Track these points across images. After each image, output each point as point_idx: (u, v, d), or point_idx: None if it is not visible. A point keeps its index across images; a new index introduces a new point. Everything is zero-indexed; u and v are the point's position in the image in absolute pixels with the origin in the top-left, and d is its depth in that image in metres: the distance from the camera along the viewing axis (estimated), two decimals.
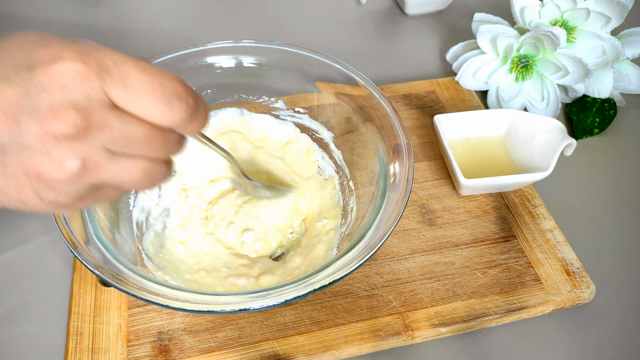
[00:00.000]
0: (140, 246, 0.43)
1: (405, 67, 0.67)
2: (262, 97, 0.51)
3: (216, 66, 0.49)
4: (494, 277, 0.45)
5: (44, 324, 0.42)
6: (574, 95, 0.61)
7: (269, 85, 0.50)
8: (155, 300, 0.33)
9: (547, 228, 0.49)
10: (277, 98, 0.51)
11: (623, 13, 0.55)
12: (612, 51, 0.56)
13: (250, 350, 0.40)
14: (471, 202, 0.51)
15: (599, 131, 0.59)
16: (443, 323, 0.42)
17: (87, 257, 0.35)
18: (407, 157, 0.41)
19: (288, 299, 0.33)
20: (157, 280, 0.36)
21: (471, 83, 0.62)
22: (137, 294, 0.33)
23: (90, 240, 0.37)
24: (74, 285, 0.43)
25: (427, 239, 0.48)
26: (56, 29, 0.70)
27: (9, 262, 0.46)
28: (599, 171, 0.56)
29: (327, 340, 0.41)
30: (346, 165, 0.49)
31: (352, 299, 0.43)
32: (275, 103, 0.51)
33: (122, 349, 0.40)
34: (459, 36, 0.72)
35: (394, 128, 0.43)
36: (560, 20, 0.58)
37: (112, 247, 0.38)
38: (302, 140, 0.51)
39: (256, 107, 0.51)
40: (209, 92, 0.50)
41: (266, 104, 0.51)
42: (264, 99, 0.51)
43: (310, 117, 0.51)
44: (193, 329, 0.41)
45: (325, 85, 0.48)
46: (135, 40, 0.69)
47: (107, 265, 0.35)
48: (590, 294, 0.44)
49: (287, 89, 0.50)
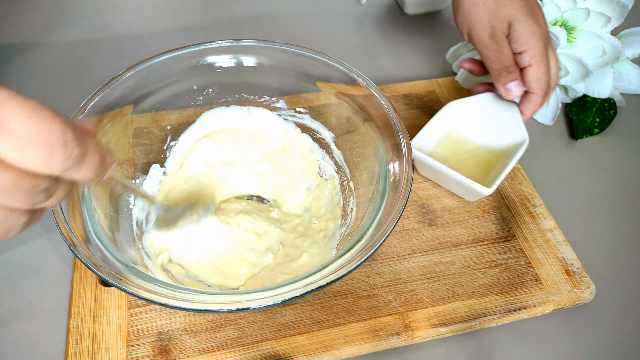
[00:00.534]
0: (140, 244, 0.43)
1: (405, 67, 0.67)
2: (264, 96, 0.51)
3: (216, 65, 0.49)
4: (494, 277, 0.45)
5: (44, 324, 0.42)
6: (574, 95, 0.61)
7: (270, 85, 0.50)
8: (153, 299, 0.33)
9: (547, 228, 0.49)
10: (279, 98, 0.51)
11: (623, 13, 0.55)
12: (612, 51, 0.56)
13: (250, 350, 0.40)
14: (471, 202, 0.51)
15: (599, 131, 0.59)
16: (443, 323, 0.42)
17: (87, 256, 0.35)
18: (407, 157, 0.41)
19: (286, 299, 0.33)
20: (156, 279, 0.36)
21: (471, 83, 0.62)
22: (136, 293, 0.33)
23: (90, 239, 0.37)
24: (74, 285, 0.43)
25: (427, 239, 0.48)
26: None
27: (9, 262, 0.46)
28: (599, 171, 0.56)
29: (327, 340, 0.41)
30: (346, 166, 0.49)
31: (352, 299, 0.43)
32: (277, 103, 0.51)
33: (122, 349, 0.40)
34: (459, 36, 0.72)
35: (394, 128, 0.43)
36: (560, 20, 0.58)
37: (111, 246, 0.38)
38: (302, 140, 0.51)
39: (257, 107, 0.51)
40: (210, 92, 0.50)
41: (267, 103, 0.51)
42: (265, 99, 0.51)
43: (312, 117, 0.51)
44: (193, 329, 0.41)
45: (326, 85, 0.48)
46: (135, 40, 0.69)
47: (107, 264, 0.35)
48: (590, 294, 0.44)
49: (288, 89, 0.50)
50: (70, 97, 0.60)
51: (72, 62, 0.66)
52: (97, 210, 0.39)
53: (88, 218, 0.38)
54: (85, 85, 0.62)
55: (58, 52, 0.67)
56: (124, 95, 0.45)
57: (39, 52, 0.67)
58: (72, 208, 0.38)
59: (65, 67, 0.65)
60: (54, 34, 0.69)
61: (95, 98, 0.43)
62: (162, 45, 0.67)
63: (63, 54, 0.67)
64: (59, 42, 0.68)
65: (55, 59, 0.66)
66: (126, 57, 0.65)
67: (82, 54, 0.67)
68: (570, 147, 0.59)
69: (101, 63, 0.65)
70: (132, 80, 0.45)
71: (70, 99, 0.60)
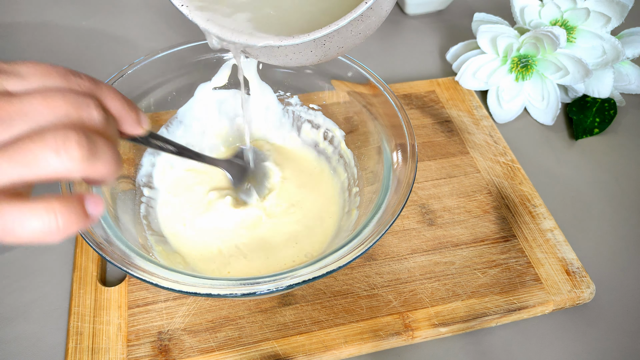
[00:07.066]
0: (145, 227, 0.44)
1: (405, 67, 0.67)
2: (278, 91, 0.51)
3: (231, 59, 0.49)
4: (494, 277, 0.45)
5: (44, 324, 0.42)
6: (574, 95, 0.61)
7: (284, 80, 0.51)
8: (140, 276, 0.33)
9: (547, 228, 0.49)
10: (292, 94, 0.51)
11: (623, 13, 0.55)
12: (612, 51, 0.56)
13: (250, 350, 0.40)
14: (471, 202, 0.51)
15: (599, 131, 0.59)
16: (443, 323, 0.42)
17: (88, 232, 0.35)
18: (410, 158, 0.41)
19: (280, 288, 0.33)
20: (160, 263, 0.36)
21: (471, 83, 0.62)
22: (140, 276, 0.33)
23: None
24: (74, 285, 0.43)
25: (427, 238, 0.48)
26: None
27: (9, 262, 0.46)
28: (599, 171, 0.56)
29: (327, 340, 0.41)
30: (354, 164, 0.49)
31: (352, 299, 0.43)
32: (290, 98, 0.51)
33: (122, 349, 0.40)
34: (459, 36, 0.72)
35: (401, 128, 0.43)
36: (560, 20, 0.58)
37: (114, 225, 0.38)
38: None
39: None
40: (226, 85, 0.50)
41: (281, 98, 0.51)
42: (279, 93, 0.51)
43: (324, 114, 0.51)
44: (193, 329, 0.41)
45: (340, 83, 0.48)
46: (144, 35, 0.69)
47: (111, 245, 0.35)
48: (590, 294, 0.44)
49: (302, 86, 0.51)
50: None
51: (73, 61, 0.66)
52: (104, 193, 0.40)
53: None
54: None
55: (58, 52, 0.67)
56: (125, 93, 0.45)
57: (39, 52, 0.67)
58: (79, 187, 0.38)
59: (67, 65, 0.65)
60: (54, 33, 0.69)
61: None
62: (175, 40, 0.67)
63: (63, 54, 0.67)
64: (60, 42, 0.68)
65: (55, 59, 0.66)
66: (129, 53, 0.66)
67: (82, 53, 0.67)
68: (570, 147, 0.59)
69: (101, 62, 0.65)
70: (135, 77, 0.46)
71: None
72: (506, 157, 0.55)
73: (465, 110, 0.60)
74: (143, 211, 0.45)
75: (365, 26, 0.35)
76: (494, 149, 0.55)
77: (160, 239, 0.44)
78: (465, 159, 0.54)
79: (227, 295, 0.33)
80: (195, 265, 0.44)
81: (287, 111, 0.52)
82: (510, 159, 0.55)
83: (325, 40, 0.34)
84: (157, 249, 0.42)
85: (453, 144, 0.56)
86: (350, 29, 0.34)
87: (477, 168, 0.54)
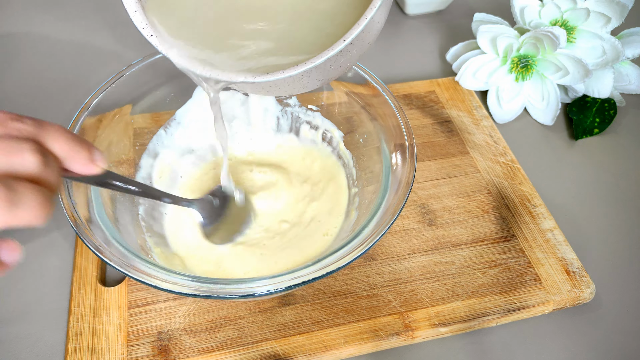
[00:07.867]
0: (144, 229, 0.44)
1: (405, 67, 0.67)
2: None
3: None
4: (494, 277, 0.45)
5: (44, 324, 0.42)
6: (574, 95, 0.61)
7: None
8: (139, 278, 0.33)
9: (547, 228, 0.49)
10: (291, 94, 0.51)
11: (623, 13, 0.55)
12: (612, 51, 0.56)
13: (250, 350, 0.40)
14: (471, 202, 0.51)
15: (599, 131, 0.59)
16: (443, 323, 0.42)
17: (87, 234, 0.35)
18: (409, 158, 0.41)
19: (279, 289, 0.33)
20: (159, 265, 0.36)
21: (471, 83, 0.62)
22: (139, 278, 0.33)
23: (92, 220, 0.37)
24: (74, 285, 0.43)
25: (427, 238, 0.48)
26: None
27: None
28: (599, 171, 0.56)
29: (327, 340, 0.41)
30: (352, 164, 0.49)
31: (352, 299, 0.43)
32: (289, 99, 0.51)
33: (122, 349, 0.40)
34: (459, 36, 0.72)
35: (400, 128, 0.43)
36: (560, 20, 0.58)
37: (113, 227, 0.38)
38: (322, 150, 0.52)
39: None
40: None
41: (279, 98, 0.51)
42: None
43: (322, 115, 0.51)
44: (193, 329, 0.41)
45: (338, 83, 0.48)
46: (142, 40, 0.69)
47: (109, 247, 0.35)
48: (590, 294, 0.44)
49: None
50: (71, 98, 0.60)
51: (72, 61, 0.66)
52: (102, 193, 0.40)
53: (93, 198, 0.38)
54: (88, 84, 0.62)
55: (57, 52, 0.67)
56: (124, 94, 0.45)
57: (38, 52, 0.67)
58: (77, 188, 0.38)
59: (66, 67, 0.65)
60: (53, 33, 0.70)
61: (97, 97, 0.43)
62: None
63: (62, 54, 0.67)
64: (59, 42, 0.68)
65: (55, 59, 0.66)
66: (127, 56, 0.66)
67: (81, 53, 0.67)
68: (570, 147, 0.59)
69: (101, 62, 0.65)
70: (133, 78, 0.46)
71: (70, 100, 0.60)
72: (506, 157, 0.55)
73: (465, 110, 0.60)
74: (142, 213, 0.45)
75: (346, 59, 0.34)
76: (494, 149, 0.55)
77: (159, 241, 0.44)
78: (465, 159, 0.54)
79: (227, 296, 0.33)
80: (193, 266, 0.44)
81: (286, 112, 0.52)
82: (510, 159, 0.55)
83: (303, 76, 0.33)
84: (156, 251, 0.42)
85: (453, 144, 0.56)
86: (329, 64, 0.33)
87: (477, 168, 0.54)
